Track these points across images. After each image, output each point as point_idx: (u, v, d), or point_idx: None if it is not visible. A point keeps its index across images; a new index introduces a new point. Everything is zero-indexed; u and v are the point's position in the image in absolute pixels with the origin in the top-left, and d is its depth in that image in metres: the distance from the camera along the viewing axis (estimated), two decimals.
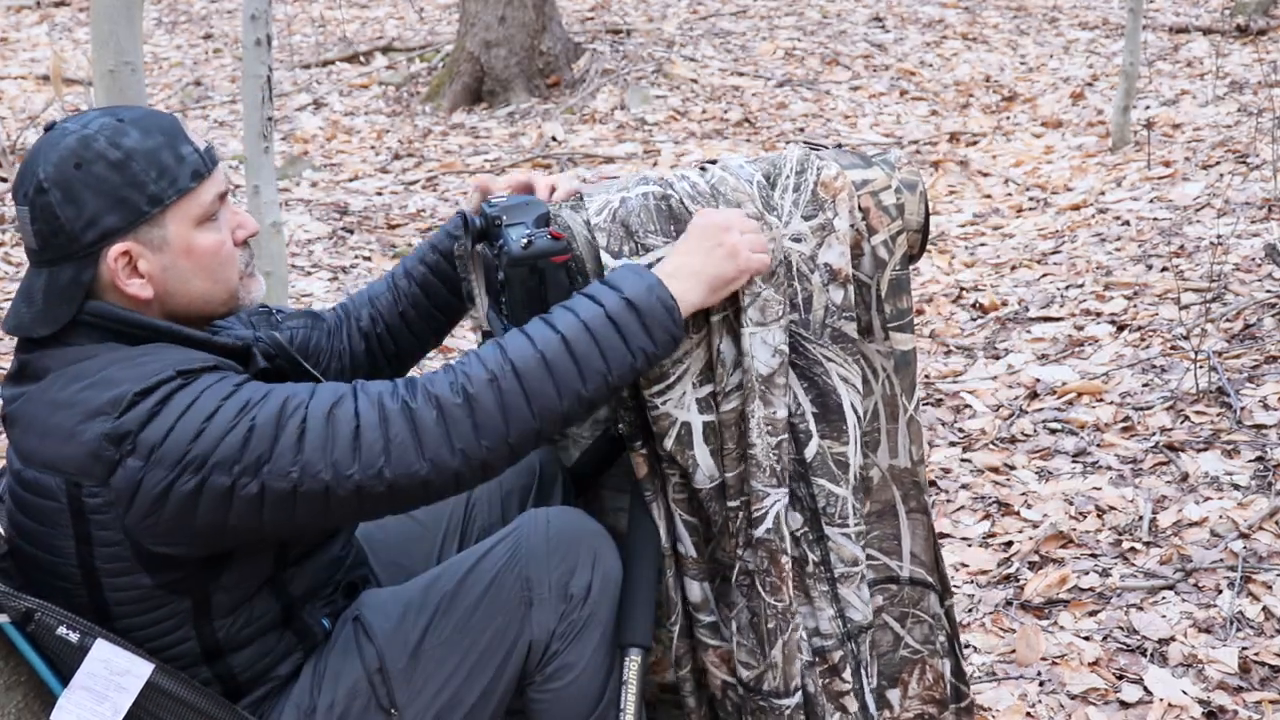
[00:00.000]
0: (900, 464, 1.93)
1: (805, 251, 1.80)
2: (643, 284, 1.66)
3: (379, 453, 1.52)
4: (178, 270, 1.62)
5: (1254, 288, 4.15)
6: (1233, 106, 6.59)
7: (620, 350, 1.62)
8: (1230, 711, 2.37)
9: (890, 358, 1.88)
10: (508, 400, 1.56)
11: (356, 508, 1.56)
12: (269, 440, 1.50)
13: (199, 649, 1.66)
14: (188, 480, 1.49)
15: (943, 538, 3.11)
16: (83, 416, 1.52)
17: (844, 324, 1.82)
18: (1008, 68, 8.13)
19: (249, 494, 1.50)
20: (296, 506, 1.52)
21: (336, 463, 1.51)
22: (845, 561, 1.87)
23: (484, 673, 1.76)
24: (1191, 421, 3.43)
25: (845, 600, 1.88)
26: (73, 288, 1.57)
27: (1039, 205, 5.81)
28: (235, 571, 1.63)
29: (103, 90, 3.04)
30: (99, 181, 1.55)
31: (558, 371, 1.59)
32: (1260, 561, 2.79)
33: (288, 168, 6.56)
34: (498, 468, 1.59)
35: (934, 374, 4.10)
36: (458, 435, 1.54)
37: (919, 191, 2.02)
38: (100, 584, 1.58)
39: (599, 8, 9.64)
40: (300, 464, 1.50)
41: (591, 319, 1.63)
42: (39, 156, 1.57)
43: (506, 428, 1.56)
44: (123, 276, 1.58)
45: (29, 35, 9.54)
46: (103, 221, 1.56)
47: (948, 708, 2.03)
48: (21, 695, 1.64)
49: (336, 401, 1.54)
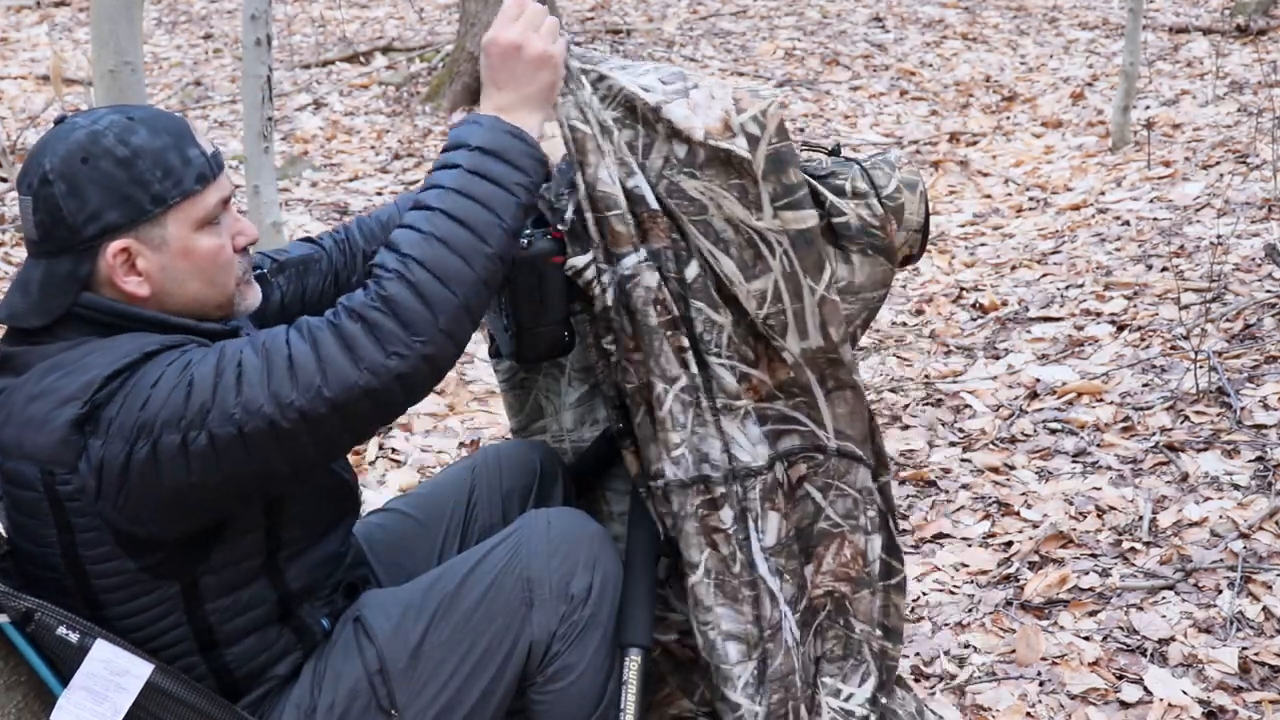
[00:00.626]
0: (811, 345, 1.88)
1: (651, 101, 1.80)
2: (483, 129, 1.66)
3: (314, 373, 1.51)
4: (175, 271, 1.62)
5: (1254, 288, 4.15)
6: (1233, 106, 6.59)
7: (499, 194, 1.62)
8: (1230, 711, 2.37)
9: (785, 234, 1.85)
10: (423, 289, 1.54)
11: (311, 440, 1.53)
12: (209, 389, 1.50)
13: (192, 637, 1.65)
14: (142, 446, 1.50)
15: (943, 538, 3.11)
16: (55, 404, 1.53)
17: (683, 180, 1.81)
18: (1008, 68, 8.13)
19: (200, 447, 1.50)
20: (249, 450, 1.51)
21: (276, 394, 1.50)
22: (727, 393, 1.85)
23: (484, 674, 1.76)
24: (1191, 421, 3.43)
25: (730, 435, 1.86)
26: (69, 281, 1.58)
27: (1039, 205, 5.81)
28: (223, 551, 1.63)
29: (103, 90, 3.04)
30: (104, 177, 1.56)
31: (455, 243, 1.58)
32: (1260, 561, 2.79)
33: (288, 168, 6.56)
34: (441, 358, 1.57)
35: (934, 374, 4.11)
36: (387, 338, 1.52)
37: (919, 191, 2.01)
38: (85, 571, 1.59)
39: (599, 8, 9.64)
40: (241, 404, 1.49)
41: (457, 181, 1.62)
42: (46, 148, 1.58)
43: (434, 315, 1.54)
44: (120, 273, 1.59)
45: (29, 35, 9.54)
46: (105, 216, 1.56)
47: (866, 586, 2.00)
48: (21, 695, 1.64)
49: (269, 339, 1.54)
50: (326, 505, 1.78)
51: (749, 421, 1.87)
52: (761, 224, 1.83)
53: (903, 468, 3.48)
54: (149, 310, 1.62)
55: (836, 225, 1.93)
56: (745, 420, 1.86)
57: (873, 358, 4.31)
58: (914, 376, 4.11)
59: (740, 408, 1.85)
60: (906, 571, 2.06)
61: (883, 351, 4.36)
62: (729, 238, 1.83)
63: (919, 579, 2.93)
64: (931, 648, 2.66)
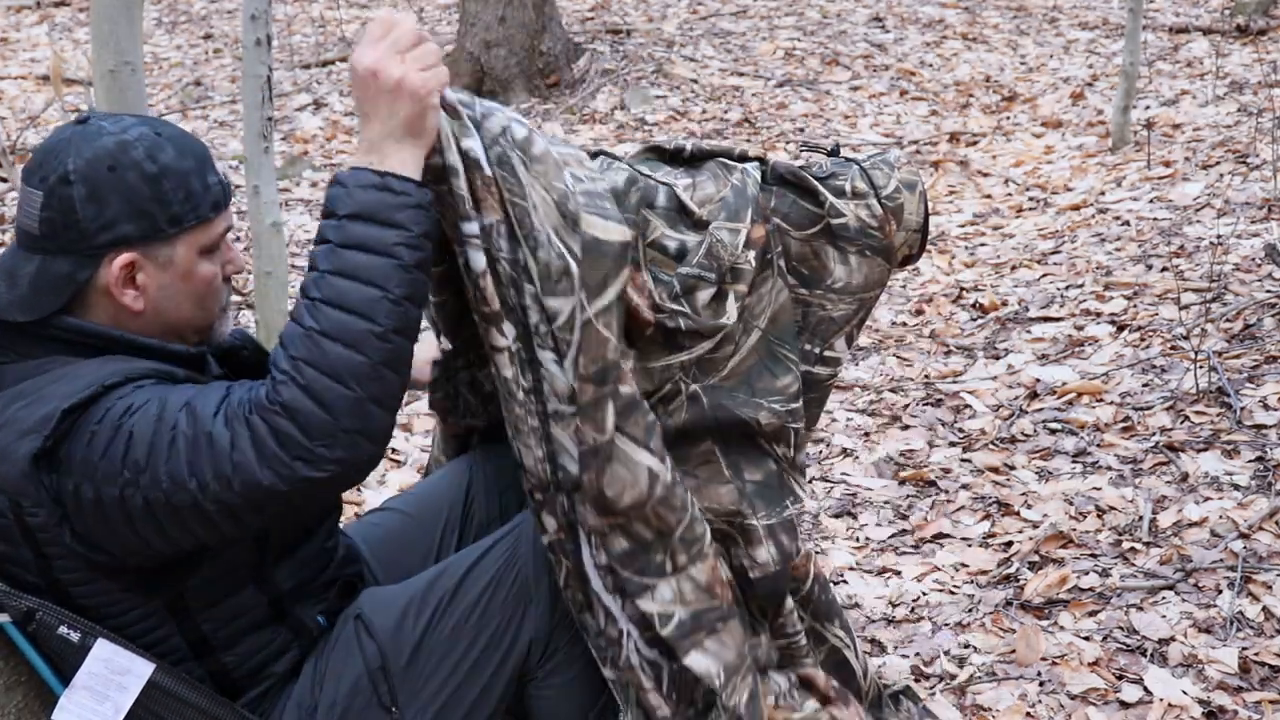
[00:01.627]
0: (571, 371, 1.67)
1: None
2: (348, 190, 1.51)
3: (225, 462, 1.45)
4: (172, 291, 1.62)
5: (1254, 288, 4.15)
6: (1233, 106, 6.59)
7: (377, 264, 1.48)
8: (1230, 711, 2.37)
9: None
10: (316, 391, 1.44)
11: (234, 520, 1.49)
12: (145, 448, 1.46)
13: (185, 645, 1.66)
14: (88, 490, 1.48)
15: (943, 538, 3.11)
16: (15, 436, 1.52)
17: (516, 157, 1.65)
18: (1008, 68, 8.13)
19: (137, 506, 1.47)
20: (182, 517, 1.48)
21: (197, 474, 1.45)
22: (559, 396, 1.64)
23: (484, 671, 1.77)
24: (1191, 421, 3.43)
25: (559, 443, 1.66)
26: (65, 282, 1.57)
27: (1039, 205, 5.81)
28: (209, 569, 1.63)
29: (103, 90, 3.04)
30: (128, 189, 1.55)
31: (340, 333, 1.46)
32: (1260, 561, 2.79)
33: (288, 168, 6.56)
34: (355, 459, 1.46)
35: (934, 374, 4.11)
36: (290, 444, 1.44)
37: (918, 191, 2.01)
38: (68, 593, 1.59)
39: (599, 8, 9.64)
40: (169, 473, 1.45)
41: (329, 261, 1.49)
42: (69, 147, 1.56)
43: (333, 417, 1.44)
44: (119, 285, 1.58)
45: (29, 35, 9.53)
46: (119, 228, 1.56)
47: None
48: (22, 695, 1.64)
49: (201, 407, 1.48)
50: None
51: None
52: (570, 242, 1.65)
53: (903, 468, 3.48)
54: (118, 331, 1.60)
55: (835, 227, 1.93)
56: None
57: (873, 358, 4.32)
58: (914, 376, 4.11)
59: (572, 413, 1.65)
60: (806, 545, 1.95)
61: (883, 351, 4.36)
62: (542, 240, 1.64)
63: (919, 579, 2.93)
64: (931, 648, 2.66)
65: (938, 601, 2.83)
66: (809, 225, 1.94)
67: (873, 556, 3.07)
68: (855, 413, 3.88)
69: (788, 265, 1.94)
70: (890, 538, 3.14)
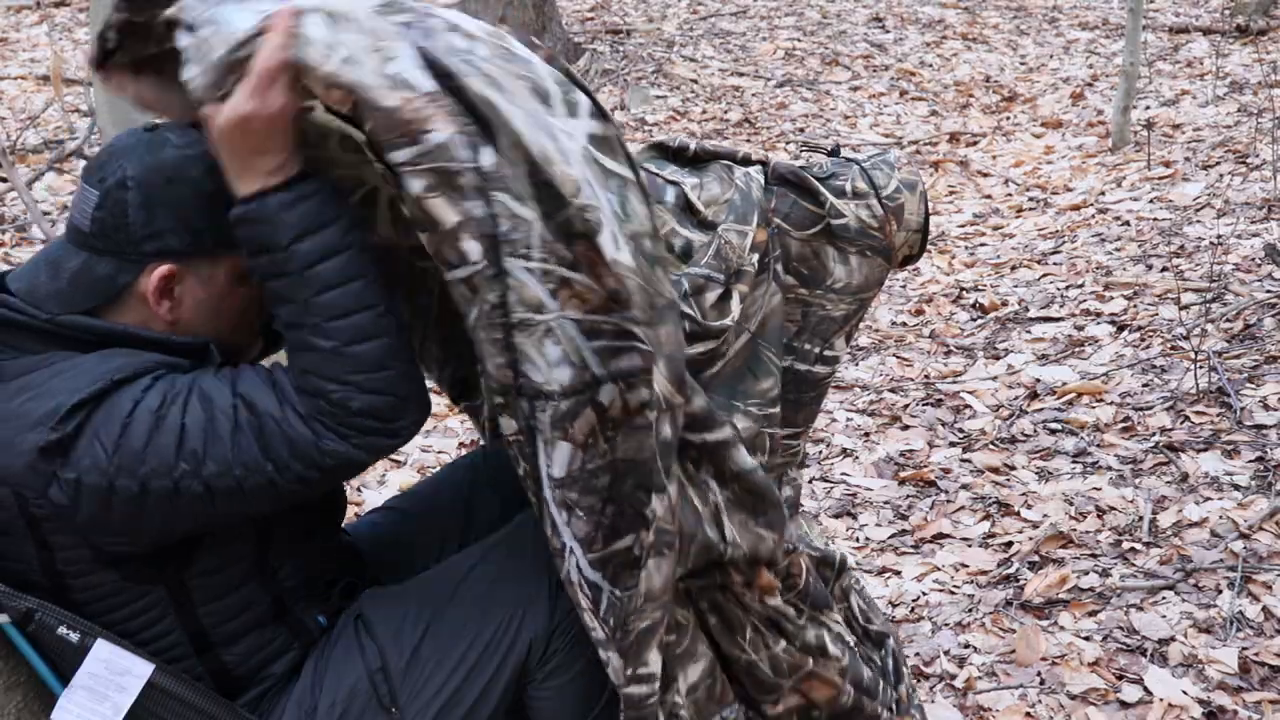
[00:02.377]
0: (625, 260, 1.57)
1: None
2: (272, 219, 1.50)
3: (311, 450, 1.52)
4: (205, 309, 1.63)
5: (1254, 288, 4.15)
6: (1233, 106, 6.59)
7: (340, 261, 1.51)
8: (1230, 711, 2.37)
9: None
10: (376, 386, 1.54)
11: (307, 488, 1.56)
12: (200, 438, 1.51)
13: (186, 640, 1.66)
14: (127, 484, 1.50)
15: (943, 538, 3.11)
16: (21, 429, 1.52)
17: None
18: (1008, 68, 8.13)
19: (194, 493, 1.51)
20: (248, 497, 1.54)
21: (275, 458, 1.52)
22: (527, 305, 1.54)
23: (484, 671, 1.77)
24: (1191, 422, 3.43)
25: (521, 350, 1.56)
26: (105, 283, 1.58)
27: (1039, 205, 5.81)
28: (211, 558, 1.63)
29: (102, 90, 3.04)
30: (182, 204, 1.56)
31: (357, 332, 1.53)
32: (1260, 561, 2.79)
33: None
34: (422, 414, 1.60)
35: (934, 374, 4.11)
36: (375, 431, 1.55)
37: (919, 192, 2.01)
38: (68, 585, 1.59)
39: (599, 8, 9.64)
40: (240, 461, 1.51)
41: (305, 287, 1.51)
42: (132, 153, 1.58)
43: (397, 395, 1.55)
44: (156, 294, 1.59)
45: (29, 35, 9.54)
46: (166, 239, 1.57)
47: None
48: (21, 695, 1.64)
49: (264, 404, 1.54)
50: (312, 504, 1.78)
51: (549, 341, 1.56)
52: (554, 120, 1.56)
53: (903, 468, 3.48)
54: (120, 325, 1.60)
55: (835, 227, 1.93)
56: (545, 338, 1.56)
57: (873, 358, 4.32)
58: (914, 376, 4.11)
59: (540, 323, 1.55)
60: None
61: (883, 351, 4.36)
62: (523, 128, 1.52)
63: (919, 579, 2.93)
64: (931, 648, 2.66)
65: (938, 601, 2.84)
66: (809, 225, 1.94)
67: (873, 556, 3.07)
68: (855, 413, 3.88)
69: (788, 265, 1.94)
70: (890, 538, 3.14)
